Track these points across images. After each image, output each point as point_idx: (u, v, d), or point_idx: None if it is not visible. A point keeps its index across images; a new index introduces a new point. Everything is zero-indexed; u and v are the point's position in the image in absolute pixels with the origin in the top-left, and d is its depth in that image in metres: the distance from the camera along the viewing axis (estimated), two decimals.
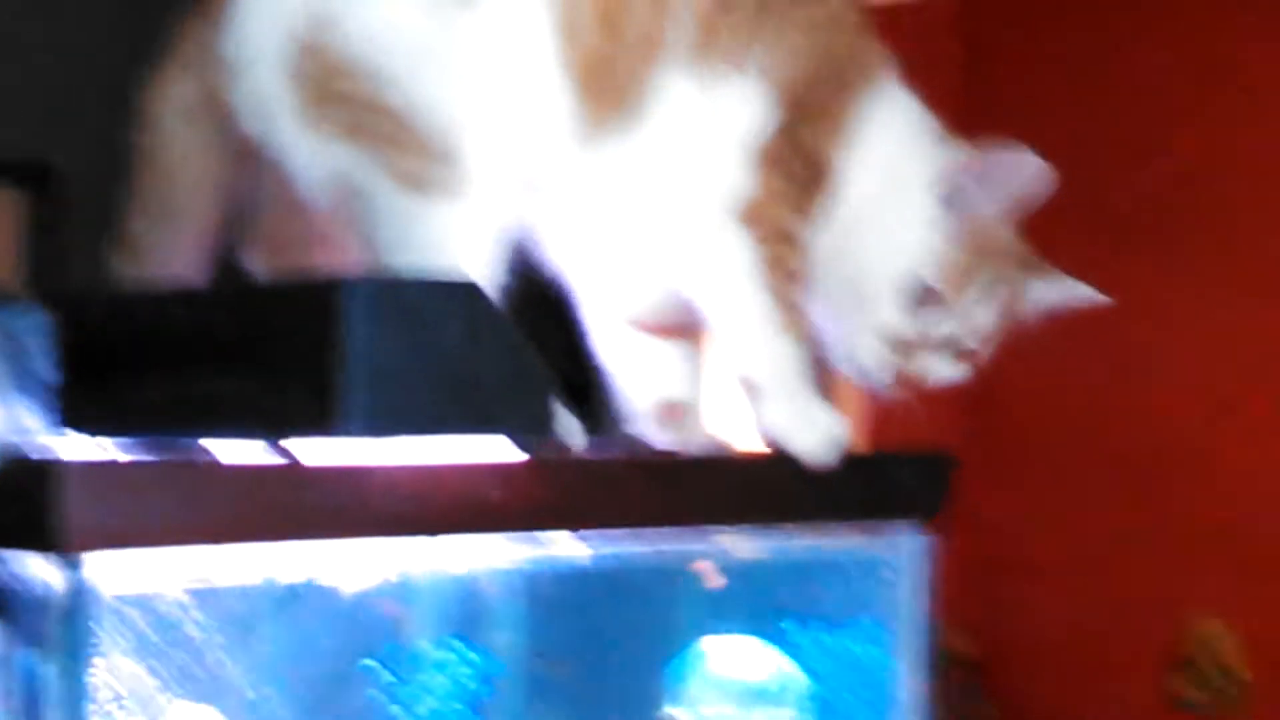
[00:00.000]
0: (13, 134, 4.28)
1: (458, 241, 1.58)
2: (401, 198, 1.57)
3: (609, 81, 1.62)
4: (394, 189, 1.57)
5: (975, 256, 1.70)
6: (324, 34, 1.57)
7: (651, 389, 1.74)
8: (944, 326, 1.70)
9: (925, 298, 1.69)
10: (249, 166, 1.68)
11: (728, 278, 1.66)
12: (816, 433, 1.65)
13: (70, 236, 4.21)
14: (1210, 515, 5.46)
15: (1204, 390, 5.49)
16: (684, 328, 1.74)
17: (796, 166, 1.67)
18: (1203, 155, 5.43)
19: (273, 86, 1.59)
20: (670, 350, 1.74)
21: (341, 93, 1.58)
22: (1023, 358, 1.69)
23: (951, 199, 1.70)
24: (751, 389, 1.66)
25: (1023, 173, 1.68)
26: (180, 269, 1.69)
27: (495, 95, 1.59)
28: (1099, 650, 5.62)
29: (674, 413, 1.73)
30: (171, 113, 1.66)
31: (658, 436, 1.73)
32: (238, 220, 1.74)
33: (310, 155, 1.59)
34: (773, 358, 1.66)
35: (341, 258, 1.68)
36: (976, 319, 1.70)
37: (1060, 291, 1.75)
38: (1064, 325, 1.75)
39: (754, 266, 1.65)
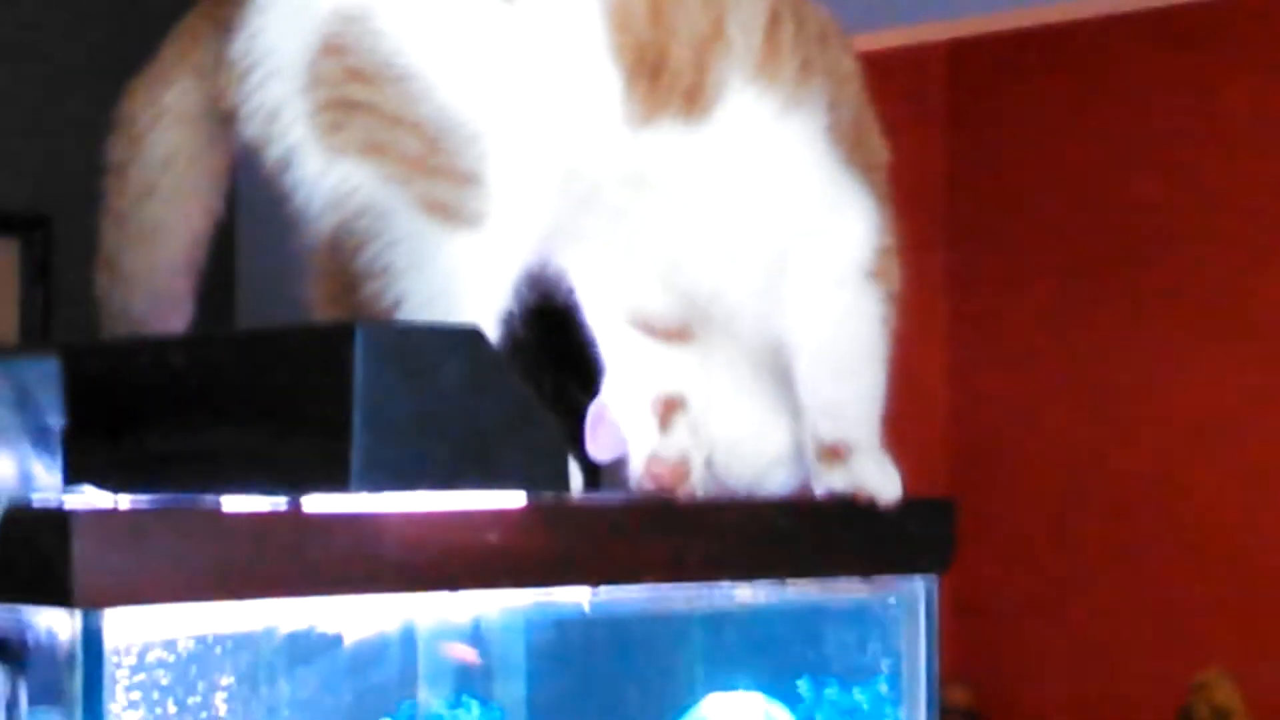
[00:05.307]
0: (9, 185, 4.31)
1: (476, 273, 1.51)
2: (423, 224, 1.49)
3: (663, 68, 1.56)
4: (415, 214, 1.49)
5: None
6: (351, 30, 1.48)
7: (651, 384, 1.70)
8: None
9: None
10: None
11: (858, 338, 1.63)
12: (895, 480, 1.66)
13: (64, 284, 4.23)
14: (1208, 563, 5.45)
15: (1194, 436, 5.48)
16: (685, 331, 1.70)
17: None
18: (1177, 200, 5.45)
19: (286, 89, 1.49)
20: (672, 351, 1.70)
21: (363, 102, 1.49)
22: (1010, 410, 1.68)
23: None
24: (844, 445, 1.64)
25: None
26: (163, 289, 1.61)
27: (534, 89, 1.52)
28: (1098, 699, 5.61)
29: (672, 407, 1.69)
30: (161, 118, 1.57)
31: (657, 438, 1.69)
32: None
33: (319, 169, 1.50)
34: (875, 416, 1.66)
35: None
36: None
37: None
38: (1059, 375, 1.74)
39: (881, 327, 1.63)
